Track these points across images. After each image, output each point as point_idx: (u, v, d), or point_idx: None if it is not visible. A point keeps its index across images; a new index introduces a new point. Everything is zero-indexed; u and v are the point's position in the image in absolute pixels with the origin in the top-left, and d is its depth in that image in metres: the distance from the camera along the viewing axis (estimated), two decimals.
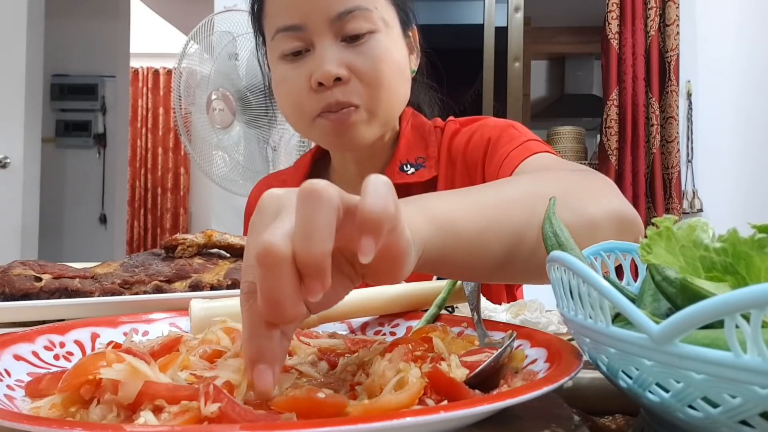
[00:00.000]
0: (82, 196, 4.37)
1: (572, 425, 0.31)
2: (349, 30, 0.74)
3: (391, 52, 0.77)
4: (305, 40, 0.75)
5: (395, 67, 0.78)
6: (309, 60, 0.76)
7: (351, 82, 0.75)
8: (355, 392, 0.31)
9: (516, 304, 0.53)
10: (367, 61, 0.75)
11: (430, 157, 0.85)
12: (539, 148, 0.75)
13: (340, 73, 0.73)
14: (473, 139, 0.83)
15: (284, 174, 1.02)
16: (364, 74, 0.75)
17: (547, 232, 0.38)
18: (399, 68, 0.79)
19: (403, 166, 0.84)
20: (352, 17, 0.74)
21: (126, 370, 0.27)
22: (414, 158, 0.85)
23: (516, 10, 2.71)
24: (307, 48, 0.76)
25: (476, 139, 0.83)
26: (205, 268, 0.63)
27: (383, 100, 0.77)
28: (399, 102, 0.81)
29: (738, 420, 0.23)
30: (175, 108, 1.98)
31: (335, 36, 0.75)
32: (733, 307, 0.20)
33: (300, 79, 0.76)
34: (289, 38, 0.75)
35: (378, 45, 0.76)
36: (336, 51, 0.74)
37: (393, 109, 0.81)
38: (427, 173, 0.84)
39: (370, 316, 0.50)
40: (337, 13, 0.73)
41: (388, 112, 0.80)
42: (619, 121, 2.52)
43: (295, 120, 0.81)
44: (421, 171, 0.84)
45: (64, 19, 4.12)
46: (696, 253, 0.28)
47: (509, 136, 0.79)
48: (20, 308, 0.53)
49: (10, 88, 2.93)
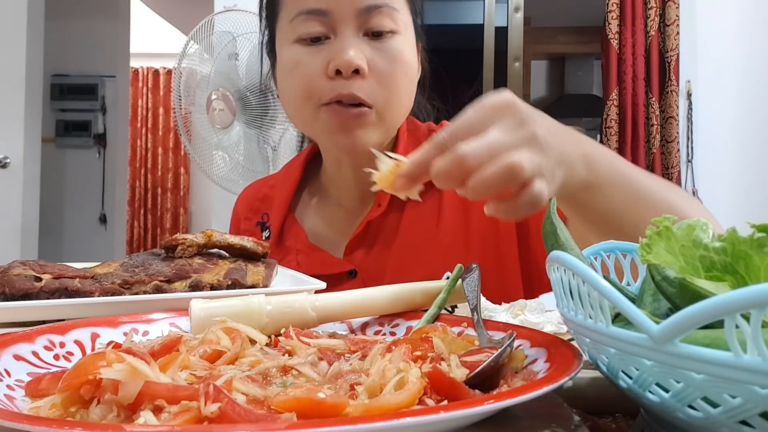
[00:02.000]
0: (82, 196, 4.37)
1: (572, 425, 0.31)
2: (373, 25, 0.73)
3: (408, 57, 0.77)
4: (328, 27, 0.73)
5: (409, 72, 0.77)
6: (328, 47, 0.74)
7: (367, 79, 0.73)
8: (355, 392, 0.31)
9: (516, 304, 0.53)
10: (386, 59, 0.74)
11: None
12: None
13: (361, 64, 0.72)
14: None
15: (273, 179, 0.99)
16: (381, 72, 0.74)
17: (548, 232, 0.38)
18: (411, 74, 0.78)
19: None
20: (379, 13, 0.73)
21: (126, 370, 0.27)
22: None
23: (516, 10, 2.71)
24: (327, 35, 0.74)
25: None
26: (205, 268, 0.63)
27: (394, 104, 0.76)
28: (405, 109, 0.80)
29: (738, 420, 0.23)
30: (175, 108, 1.98)
31: (358, 28, 0.73)
32: (733, 307, 0.20)
33: (315, 64, 0.74)
34: (311, 22, 0.73)
35: (398, 46, 0.75)
36: (358, 42, 0.73)
37: (399, 116, 0.80)
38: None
39: (370, 316, 0.50)
40: (366, 5, 0.73)
41: (396, 117, 0.79)
42: (619, 121, 2.52)
43: (299, 107, 0.78)
44: None
45: (64, 19, 4.12)
46: (695, 253, 0.28)
47: None
48: (20, 308, 0.53)
49: (10, 88, 2.93)
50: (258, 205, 0.95)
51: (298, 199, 0.93)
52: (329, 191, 0.91)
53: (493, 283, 0.67)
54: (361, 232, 0.83)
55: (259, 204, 0.95)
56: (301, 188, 0.93)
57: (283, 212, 0.89)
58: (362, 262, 0.83)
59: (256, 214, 0.94)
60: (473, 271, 0.50)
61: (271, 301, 0.45)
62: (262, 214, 0.93)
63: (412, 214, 0.83)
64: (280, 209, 0.90)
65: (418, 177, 0.44)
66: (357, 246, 0.84)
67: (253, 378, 0.32)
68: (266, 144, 1.90)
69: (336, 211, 0.89)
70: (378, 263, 0.82)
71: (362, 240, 0.84)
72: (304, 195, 0.93)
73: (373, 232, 0.84)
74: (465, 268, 0.53)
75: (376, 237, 0.84)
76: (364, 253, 0.84)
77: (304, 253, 0.85)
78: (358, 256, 0.84)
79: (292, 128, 1.85)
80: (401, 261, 0.81)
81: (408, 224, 0.83)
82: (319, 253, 0.85)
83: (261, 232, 0.92)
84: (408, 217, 0.83)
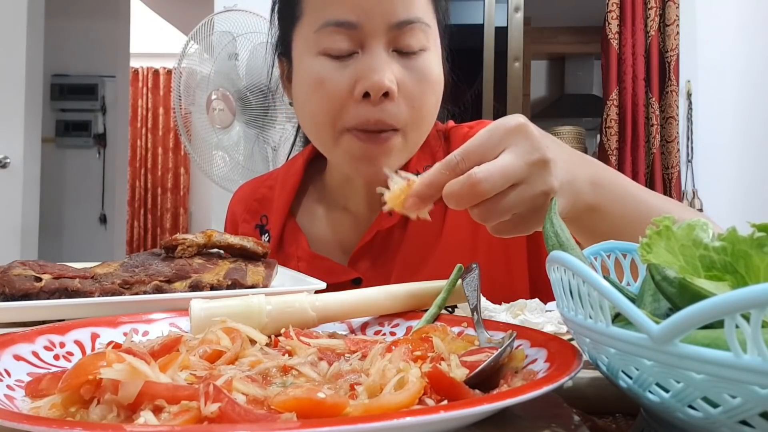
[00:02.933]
0: (82, 196, 4.37)
1: (572, 425, 0.31)
2: (403, 41, 0.69)
3: (436, 74, 0.73)
4: (356, 41, 0.69)
5: (437, 90, 0.74)
6: (355, 63, 0.69)
7: (396, 101, 0.69)
8: (355, 392, 0.31)
9: (516, 304, 0.53)
10: (416, 80, 0.70)
11: None
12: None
13: (391, 87, 0.67)
14: None
15: (271, 179, 0.94)
16: (411, 94, 0.70)
17: (548, 232, 0.38)
18: (439, 91, 0.75)
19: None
20: (411, 29, 0.69)
21: (126, 370, 0.27)
22: (423, 168, 0.82)
23: (516, 10, 2.71)
24: (355, 50, 0.69)
25: None
26: (205, 268, 0.63)
27: (420, 126, 0.73)
28: (430, 126, 0.77)
29: (738, 420, 0.23)
30: (175, 108, 1.98)
31: (387, 44, 0.69)
32: (733, 307, 0.20)
33: (341, 82, 0.69)
34: (338, 35, 0.68)
35: (427, 64, 0.71)
36: (387, 61, 0.68)
37: (424, 135, 0.77)
38: None
39: (370, 316, 0.50)
40: (399, 20, 0.68)
41: (420, 138, 0.76)
42: (619, 121, 2.52)
43: (319, 128, 0.73)
44: None
45: (64, 19, 4.12)
46: (695, 252, 0.28)
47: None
48: (20, 308, 0.53)
49: (10, 88, 2.93)
50: (256, 206, 0.91)
51: (299, 204, 0.89)
52: (334, 195, 0.87)
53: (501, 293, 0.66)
54: (369, 240, 0.81)
55: (257, 205, 0.91)
56: (301, 190, 0.89)
57: (283, 217, 0.86)
58: (367, 270, 0.81)
59: (255, 216, 0.91)
60: (473, 271, 0.50)
61: (271, 301, 0.45)
62: (261, 216, 0.90)
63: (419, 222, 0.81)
64: (280, 214, 0.87)
65: (430, 197, 0.45)
66: (363, 254, 0.82)
67: (253, 378, 0.32)
68: (266, 144, 1.90)
69: (341, 216, 0.86)
70: (383, 271, 0.81)
71: (369, 248, 0.82)
72: (306, 199, 0.90)
73: (379, 241, 0.82)
74: (465, 268, 0.53)
75: (383, 245, 0.82)
76: (369, 261, 0.82)
77: (306, 261, 0.83)
78: (363, 264, 0.82)
79: (292, 128, 1.85)
80: (407, 269, 0.79)
81: (414, 232, 0.81)
82: (322, 261, 0.83)
83: (260, 235, 0.89)
84: (414, 225, 0.81)
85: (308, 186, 0.91)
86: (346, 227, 0.86)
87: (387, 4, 0.68)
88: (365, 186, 0.82)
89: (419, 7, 0.70)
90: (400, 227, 0.82)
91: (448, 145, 0.85)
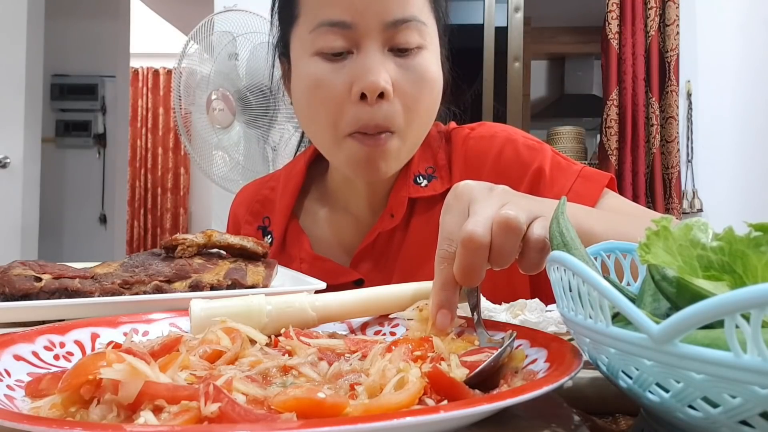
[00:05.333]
0: (82, 196, 4.37)
1: (572, 425, 0.31)
2: (399, 40, 0.69)
3: (434, 73, 0.72)
4: (351, 41, 0.69)
5: (434, 90, 0.73)
6: (351, 64, 0.69)
7: (392, 101, 0.69)
8: (355, 392, 0.31)
9: (516, 304, 0.53)
10: (412, 79, 0.70)
11: (440, 166, 0.82)
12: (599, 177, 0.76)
13: (386, 87, 0.67)
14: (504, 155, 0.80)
15: (273, 180, 0.94)
16: (407, 94, 0.70)
17: (553, 232, 0.38)
18: (436, 91, 0.74)
19: (417, 178, 0.81)
20: (407, 27, 0.69)
21: (126, 370, 0.27)
22: (425, 169, 0.82)
23: (516, 10, 2.71)
24: (350, 50, 0.69)
25: (509, 157, 0.80)
26: (205, 268, 0.63)
27: (417, 125, 0.73)
28: (428, 127, 0.77)
29: (738, 420, 0.23)
30: (175, 108, 1.99)
31: (383, 44, 0.69)
32: (733, 307, 0.20)
33: (338, 84, 0.69)
34: (333, 35, 0.68)
35: (424, 63, 0.71)
36: (382, 60, 0.68)
37: (422, 135, 0.77)
38: (440, 185, 0.80)
39: (370, 316, 0.50)
40: (394, 19, 0.68)
41: (418, 138, 0.76)
42: (619, 121, 2.52)
43: (320, 132, 0.74)
44: (434, 183, 0.81)
45: (64, 19, 4.12)
46: (693, 252, 0.28)
47: (556, 164, 0.78)
48: (20, 308, 0.53)
49: (10, 88, 2.93)
50: (258, 207, 0.91)
51: (301, 205, 0.89)
52: (336, 196, 0.87)
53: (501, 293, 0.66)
54: (371, 242, 0.81)
55: (259, 207, 0.91)
56: (303, 191, 0.89)
57: (286, 219, 0.86)
58: (369, 272, 0.81)
59: (257, 218, 0.91)
60: None
61: (271, 301, 0.45)
62: (263, 217, 0.90)
63: (420, 223, 0.81)
64: (282, 216, 0.87)
65: (448, 303, 0.43)
66: (365, 255, 0.82)
67: (253, 378, 0.32)
68: (266, 144, 1.90)
69: (343, 218, 0.86)
70: (385, 273, 0.81)
71: (370, 250, 0.82)
72: (308, 201, 0.90)
73: (381, 242, 0.82)
74: None
75: (385, 247, 0.82)
76: (371, 262, 0.82)
77: (308, 263, 0.83)
78: (365, 265, 0.82)
79: (292, 128, 1.85)
80: (408, 270, 0.79)
81: (415, 234, 0.81)
82: (324, 262, 0.83)
83: (263, 236, 0.89)
84: (416, 227, 0.81)
85: (310, 187, 0.91)
86: (348, 228, 0.86)
87: (381, 3, 0.67)
88: (366, 188, 0.82)
89: (415, 5, 0.70)
90: (402, 229, 0.82)
91: (450, 147, 0.85)
